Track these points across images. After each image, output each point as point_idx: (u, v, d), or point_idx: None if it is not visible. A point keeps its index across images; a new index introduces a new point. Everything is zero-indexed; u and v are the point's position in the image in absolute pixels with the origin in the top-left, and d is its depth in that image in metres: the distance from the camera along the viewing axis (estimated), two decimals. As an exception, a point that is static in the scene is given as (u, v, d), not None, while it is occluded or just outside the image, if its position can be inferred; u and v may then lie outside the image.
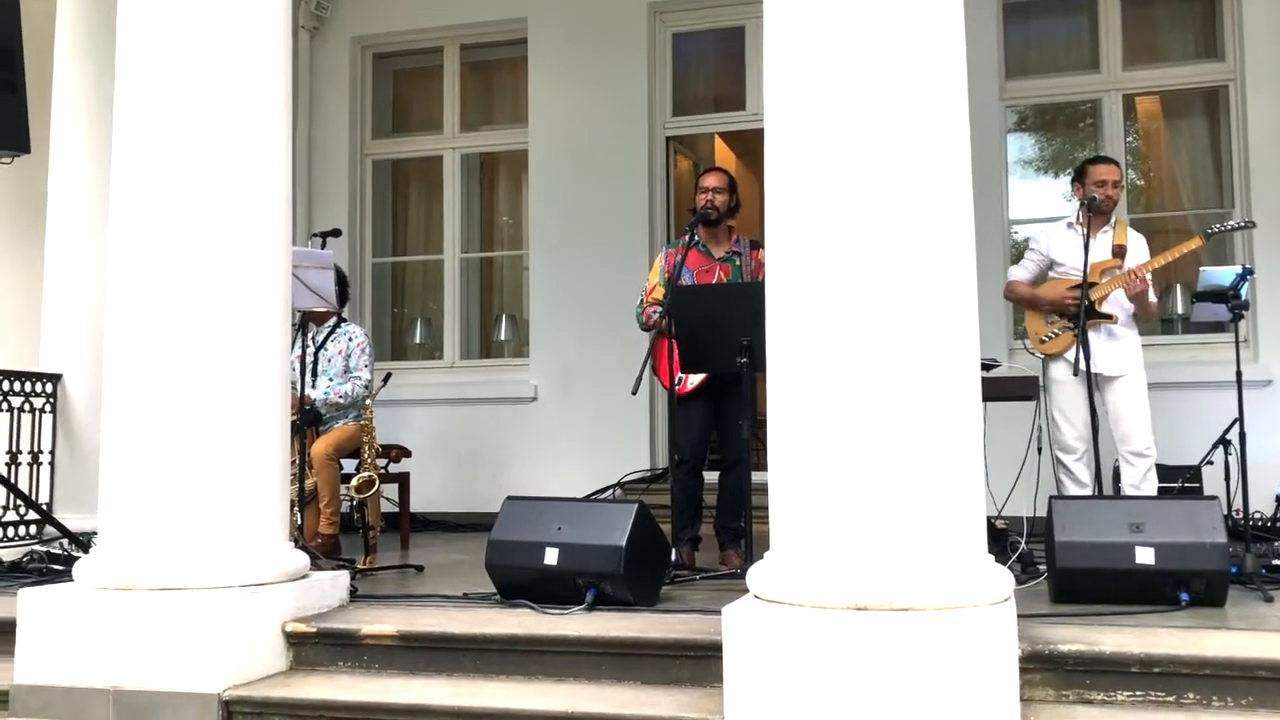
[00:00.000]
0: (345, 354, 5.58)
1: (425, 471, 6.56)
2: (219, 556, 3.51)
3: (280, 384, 3.78)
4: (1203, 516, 3.62)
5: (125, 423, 3.59)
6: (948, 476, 2.86)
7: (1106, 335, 4.90)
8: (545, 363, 7.16)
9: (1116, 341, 4.91)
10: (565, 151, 7.17)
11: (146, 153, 3.65)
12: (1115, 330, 4.90)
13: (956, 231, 2.97)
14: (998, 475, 4.38)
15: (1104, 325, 4.88)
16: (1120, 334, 4.92)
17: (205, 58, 3.65)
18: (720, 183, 4.92)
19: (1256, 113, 6.21)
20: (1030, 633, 3.09)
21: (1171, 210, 6.79)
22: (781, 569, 2.95)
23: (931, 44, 2.96)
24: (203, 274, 3.58)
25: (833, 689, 2.73)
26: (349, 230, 7.41)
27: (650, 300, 4.93)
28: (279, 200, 3.80)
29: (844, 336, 2.87)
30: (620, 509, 3.89)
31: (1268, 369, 6.04)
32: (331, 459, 5.34)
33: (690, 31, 7.30)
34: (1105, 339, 4.89)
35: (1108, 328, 4.89)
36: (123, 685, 3.37)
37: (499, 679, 3.39)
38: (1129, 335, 4.95)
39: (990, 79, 6.49)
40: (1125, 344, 4.93)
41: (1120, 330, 4.91)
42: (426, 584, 4.48)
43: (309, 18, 7.59)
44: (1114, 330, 4.90)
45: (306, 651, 3.62)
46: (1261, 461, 5.29)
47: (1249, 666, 2.90)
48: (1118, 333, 4.91)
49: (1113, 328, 4.89)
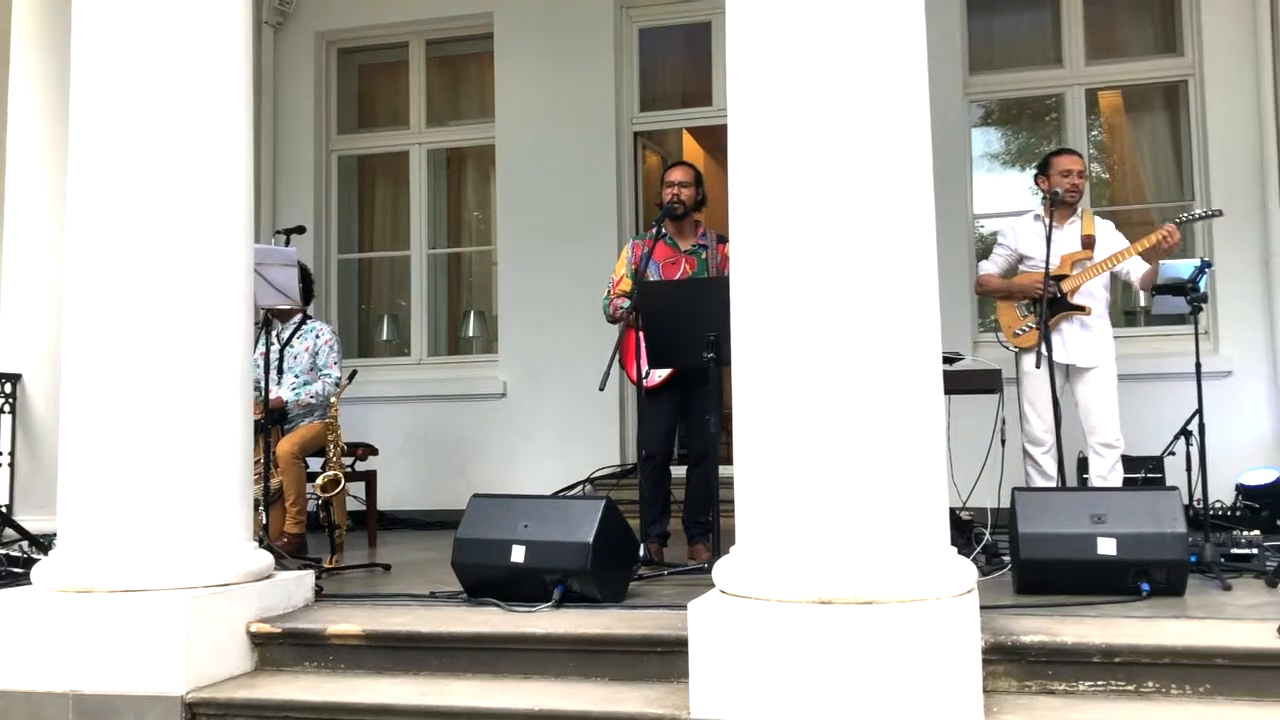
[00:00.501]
0: (313, 351, 5.54)
1: (393, 469, 6.53)
2: (181, 557, 3.47)
3: (243, 382, 3.75)
4: (1163, 507, 3.66)
5: (84, 422, 3.55)
6: (910, 470, 2.88)
7: (1080, 326, 4.92)
8: (514, 359, 7.14)
9: (1090, 333, 4.93)
10: (533, 147, 7.15)
11: (103, 148, 3.60)
12: (1088, 321, 4.92)
13: (918, 226, 2.98)
14: (963, 467, 4.41)
15: (1077, 317, 4.91)
16: (1093, 325, 4.94)
17: (163, 51, 3.60)
18: (686, 177, 4.91)
19: (1215, 108, 6.29)
20: (993, 624, 3.12)
21: (1135, 203, 6.86)
22: (747, 563, 2.96)
23: (892, 41, 2.97)
24: (162, 271, 3.54)
25: (798, 682, 2.74)
26: (314, 226, 7.35)
27: (617, 292, 4.93)
28: (240, 196, 3.76)
29: (807, 331, 2.88)
30: (588, 505, 3.88)
31: (1228, 360, 6.12)
32: (297, 457, 5.30)
33: (657, 27, 7.30)
34: (1079, 330, 4.92)
35: (1080, 319, 4.92)
36: (83, 689, 3.33)
37: (466, 678, 3.38)
38: (1101, 326, 4.98)
39: (954, 73, 6.54)
40: (1098, 336, 4.95)
41: (1093, 321, 4.93)
42: (393, 583, 4.46)
43: (272, 13, 7.52)
44: (1087, 322, 4.92)
45: (271, 652, 3.59)
46: (1222, 451, 5.36)
47: (1207, 655, 2.94)
48: (1091, 324, 4.93)
49: (1085, 319, 4.92)
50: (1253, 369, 6.12)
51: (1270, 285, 6.12)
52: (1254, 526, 4.79)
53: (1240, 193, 6.15)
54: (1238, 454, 5.76)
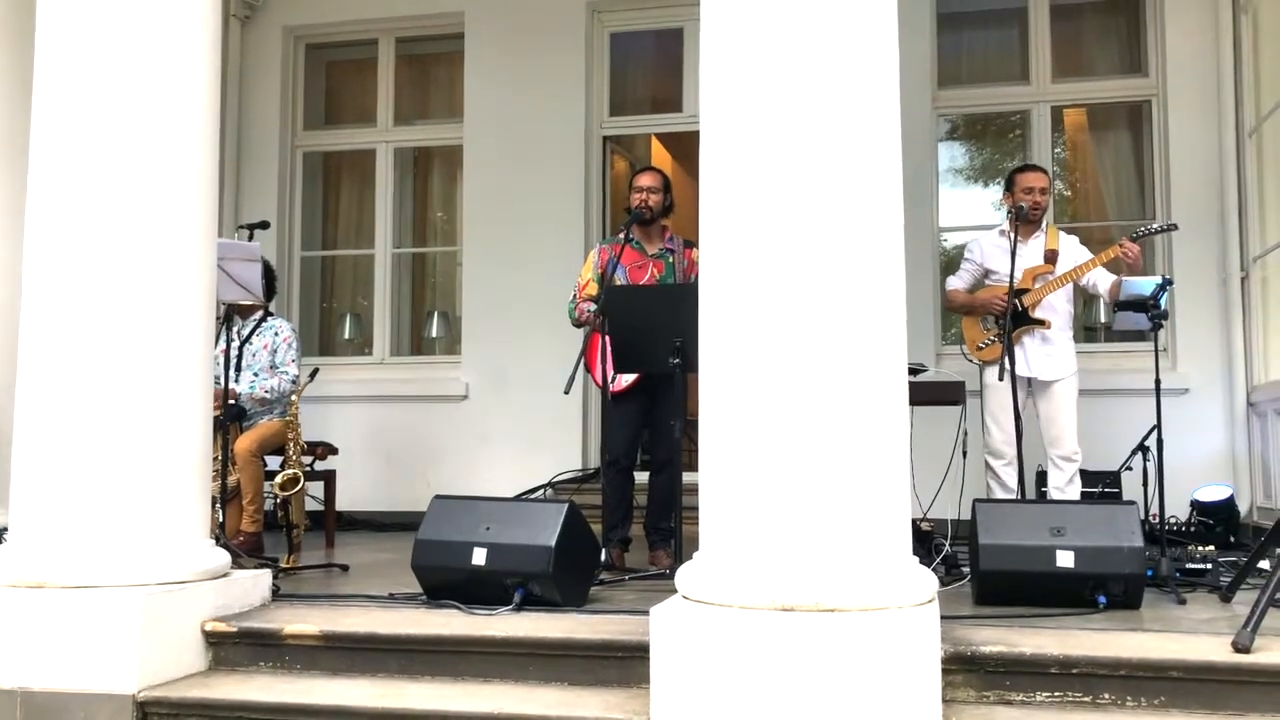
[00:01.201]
0: (271, 349, 5.48)
1: (354, 469, 6.47)
2: (136, 554, 3.41)
3: (202, 378, 3.69)
4: (1121, 521, 3.70)
5: (39, 415, 3.48)
6: (874, 480, 2.89)
7: (1042, 340, 4.99)
8: (477, 360, 7.10)
9: (1052, 346, 5.00)
10: (501, 148, 7.12)
11: (63, 139, 3.54)
12: (1050, 335, 4.99)
13: (886, 239, 2.99)
14: (924, 478, 4.44)
15: (1038, 331, 4.98)
16: (1055, 339, 5.00)
17: (127, 42, 3.54)
18: (655, 183, 4.92)
19: (1177, 128, 6.38)
20: (953, 634, 3.13)
21: (1097, 220, 6.95)
22: (709, 570, 2.95)
23: (864, 55, 2.98)
24: (121, 264, 3.48)
25: (758, 689, 2.74)
26: (278, 222, 7.27)
27: (584, 296, 4.92)
28: (203, 190, 3.71)
29: (773, 340, 2.88)
30: (550, 509, 3.86)
31: (1186, 378, 6.21)
32: (255, 455, 5.23)
33: (628, 32, 7.30)
34: (1040, 344, 4.98)
35: (1042, 333, 4.98)
36: (32, 686, 3.26)
37: (424, 680, 3.35)
38: (1064, 340, 5.04)
39: (923, 87, 6.59)
40: (1060, 349, 5.02)
41: (1055, 335, 5.00)
42: (351, 584, 4.41)
43: (241, 6, 7.45)
44: (1049, 335, 4.99)
45: (226, 651, 3.54)
46: (1179, 467, 5.44)
47: (1161, 667, 2.97)
48: (1053, 338, 5.00)
49: (1047, 333, 4.98)
50: (1209, 387, 6.21)
51: (1228, 304, 6.22)
52: (1208, 542, 4.86)
53: (1199, 212, 6.24)
54: (1193, 471, 5.84)
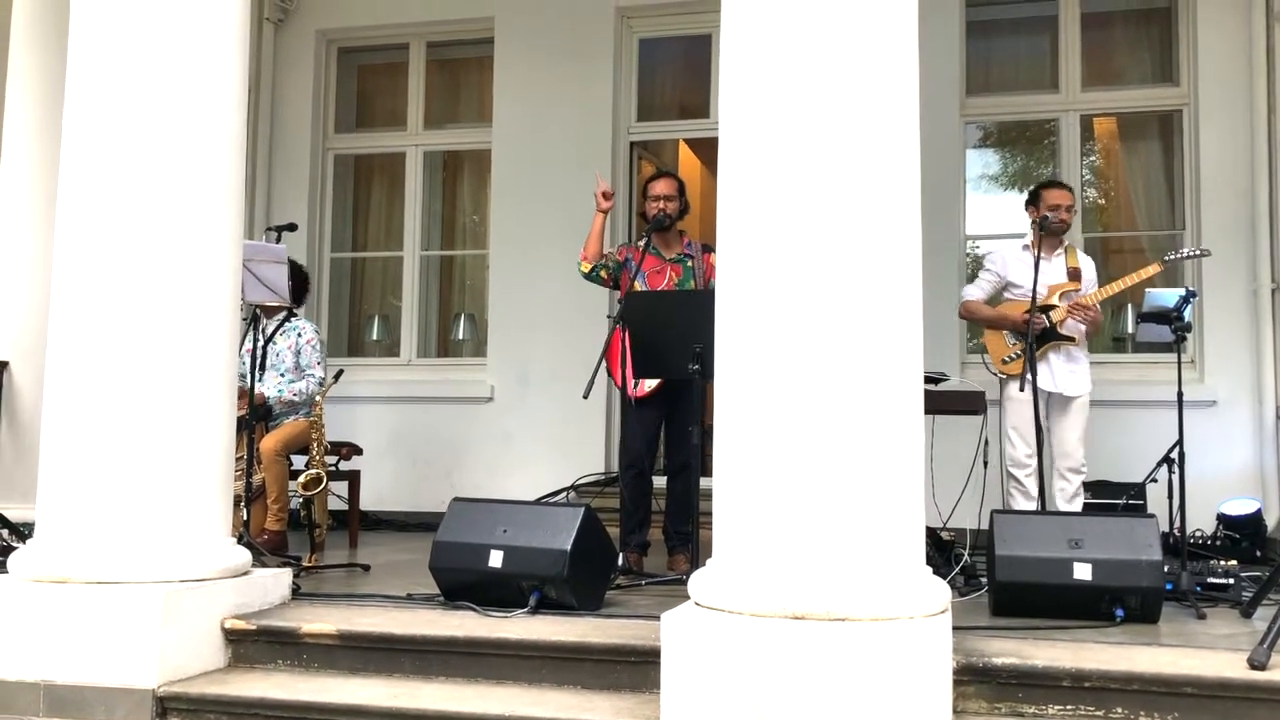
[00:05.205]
0: (295, 350, 5.53)
1: (378, 470, 6.53)
2: (158, 551, 3.47)
3: (227, 378, 3.75)
4: (1139, 534, 3.68)
5: (66, 413, 3.55)
6: (888, 489, 2.89)
7: (1067, 357, 5.00)
8: (503, 363, 7.14)
9: (1077, 364, 5.04)
10: (529, 153, 7.15)
11: (93, 140, 3.60)
12: (1074, 352, 5.02)
13: (904, 248, 2.99)
14: (945, 488, 4.43)
15: (1064, 347, 4.98)
16: (1078, 356, 5.04)
17: (158, 45, 3.61)
18: (670, 189, 4.96)
19: (1208, 138, 6.31)
20: (966, 645, 3.13)
21: (1127, 230, 6.90)
22: (722, 576, 2.96)
23: (883, 64, 2.98)
24: (148, 264, 3.54)
25: (769, 697, 2.75)
26: (308, 224, 7.34)
27: (583, 256, 5.00)
28: (231, 192, 3.77)
29: (788, 348, 2.89)
30: (567, 512, 3.89)
31: (1213, 390, 6.14)
32: (280, 455, 5.29)
33: (657, 38, 7.31)
34: (1065, 360, 5.00)
35: (1067, 349, 4.99)
36: (55, 679, 3.33)
37: (439, 680, 3.38)
38: (1084, 356, 5.09)
39: (951, 95, 6.55)
40: (1084, 366, 5.07)
41: (1077, 352, 5.04)
42: (371, 583, 4.45)
43: (274, 9, 7.53)
44: (1073, 352, 5.02)
45: (245, 649, 3.59)
46: (1206, 479, 5.39)
47: (1176, 683, 2.94)
48: (1075, 354, 5.02)
49: (1072, 349, 5.01)
50: (1238, 399, 6.14)
51: (1258, 316, 6.14)
52: (1233, 557, 4.79)
53: (1230, 223, 6.18)
54: (1221, 483, 5.78)
